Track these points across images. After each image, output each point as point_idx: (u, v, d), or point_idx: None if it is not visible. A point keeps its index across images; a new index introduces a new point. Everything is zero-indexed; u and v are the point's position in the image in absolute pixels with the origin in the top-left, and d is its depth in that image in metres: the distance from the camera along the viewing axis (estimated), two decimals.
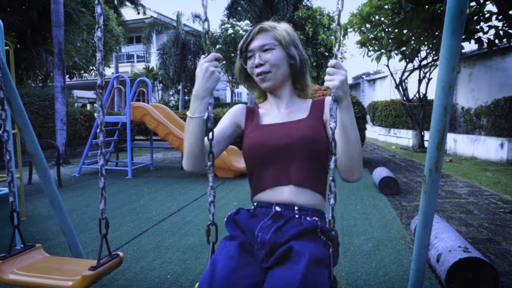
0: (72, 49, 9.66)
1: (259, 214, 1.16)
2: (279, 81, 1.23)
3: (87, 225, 3.31)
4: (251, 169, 1.21)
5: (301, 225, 1.08)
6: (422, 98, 9.53)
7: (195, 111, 1.07)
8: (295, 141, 1.13)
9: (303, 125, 1.17)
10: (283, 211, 1.13)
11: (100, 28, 1.21)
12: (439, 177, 1.19)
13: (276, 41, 1.21)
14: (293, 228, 1.08)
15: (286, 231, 1.08)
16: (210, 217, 1.10)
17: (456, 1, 0.99)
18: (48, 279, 1.35)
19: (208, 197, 1.09)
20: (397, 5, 5.42)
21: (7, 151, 1.48)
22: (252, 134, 1.21)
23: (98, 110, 1.27)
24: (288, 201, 1.13)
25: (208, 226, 1.12)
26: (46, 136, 8.40)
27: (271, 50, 1.20)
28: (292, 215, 1.11)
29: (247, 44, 1.23)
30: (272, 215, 1.13)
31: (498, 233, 2.95)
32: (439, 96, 1.10)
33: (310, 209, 1.13)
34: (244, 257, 1.04)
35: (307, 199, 1.13)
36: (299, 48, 1.25)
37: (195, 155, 1.12)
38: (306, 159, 1.13)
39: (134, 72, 20.18)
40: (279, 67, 1.20)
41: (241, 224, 1.15)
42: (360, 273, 2.26)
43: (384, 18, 7.41)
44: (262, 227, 1.11)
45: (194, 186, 5.10)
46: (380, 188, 4.50)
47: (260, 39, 1.21)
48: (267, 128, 1.21)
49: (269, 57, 1.19)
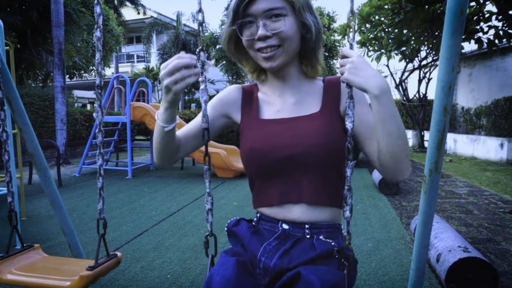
0: (72, 49, 9.66)
1: (263, 230, 0.97)
2: (289, 59, 0.94)
3: (87, 225, 3.30)
4: (251, 177, 1.00)
5: (313, 249, 0.89)
6: (422, 98, 9.53)
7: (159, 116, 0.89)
8: (307, 150, 0.89)
9: (316, 126, 0.92)
10: (291, 230, 0.93)
11: (99, 28, 1.21)
12: (439, 177, 1.19)
13: (287, 3, 0.89)
14: (304, 254, 0.89)
15: (294, 257, 0.89)
16: (208, 227, 0.96)
17: (456, 1, 0.99)
18: (46, 279, 1.34)
19: (205, 204, 0.93)
20: (397, 5, 5.41)
21: (6, 151, 1.48)
22: (251, 135, 0.96)
23: (97, 110, 1.27)
24: (298, 221, 0.92)
25: (206, 238, 0.95)
26: (46, 136, 8.40)
27: (281, 17, 0.88)
28: (302, 235, 0.92)
29: (245, 4, 0.88)
30: (278, 234, 0.93)
31: (498, 233, 2.95)
32: (439, 96, 1.10)
33: (324, 225, 0.93)
34: (243, 279, 0.85)
35: (320, 216, 0.93)
36: (314, 14, 0.93)
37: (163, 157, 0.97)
38: (320, 171, 0.91)
39: (134, 72, 20.17)
40: (291, 42, 0.90)
41: (242, 239, 0.98)
42: (360, 273, 2.26)
43: (384, 18, 7.41)
44: (266, 250, 0.92)
45: (194, 186, 5.10)
46: (380, 188, 4.49)
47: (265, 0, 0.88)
48: (269, 128, 0.95)
49: (280, 26, 0.88)
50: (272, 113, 0.99)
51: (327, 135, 0.90)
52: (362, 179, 5.50)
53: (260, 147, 0.93)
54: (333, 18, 19.08)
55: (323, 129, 0.91)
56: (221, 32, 0.98)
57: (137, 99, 10.15)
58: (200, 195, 4.48)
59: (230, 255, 0.97)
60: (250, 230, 0.98)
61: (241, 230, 0.99)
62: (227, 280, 0.82)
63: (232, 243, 1.02)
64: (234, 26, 0.92)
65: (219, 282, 0.82)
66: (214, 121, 1.02)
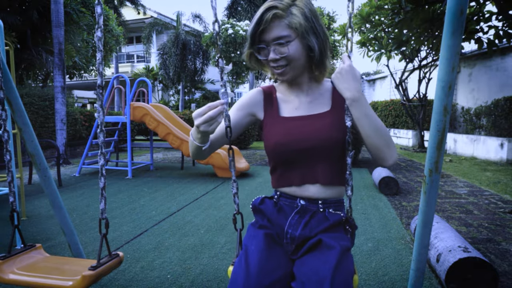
0: (72, 49, 9.66)
1: (284, 206, 1.18)
2: (298, 72, 1.15)
3: (87, 225, 3.31)
4: (274, 165, 1.21)
5: (327, 220, 1.13)
6: (422, 98, 9.53)
7: (196, 139, 1.10)
8: (321, 144, 1.11)
9: (328, 123, 1.13)
10: (307, 205, 1.16)
11: (100, 28, 1.21)
12: (439, 177, 1.19)
13: (292, 30, 1.07)
14: (320, 224, 1.13)
15: (314, 227, 1.13)
16: (235, 207, 1.21)
17: (456, 1, 0.99)
18: (48, 279, 1.35)
19: (232, 189, 1.18)
20: (397, 5, 5.42)
21: (7, 151, 1.48)
22: (274, 130, 1.16)
23: (98, 110, 1.27)
24: (314, 197, 1.15)
25: (234, 216, 1.23)
26: (46, 136, 8.40)
27: (287, 44, 1.07)
28: (316, 209, 1.15)
29: (259, 33, 1.10)
30: (298, 210, 1.16)
31: (498, 233, 2.95)
32: (439, 96, 1.10)
33: (333, 201, 1.17)
34: (273, 248, 1.10)
35: (330, 194, 1.16)
36: (318, 34, 1.10)
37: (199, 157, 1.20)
38: (333, 159, 1.13)
39: (134, 72, 20.18)
40: (297, 61, 1.10)
41: (268, 215, 1.19)
42: (360, 273, 2.26)
43: (384, 18, 7.41)
44: (291, 224, 1.15)
45: (194, 186, 5.10)
46: (380, 188, 4.50)
47: (273, 30, 1.07)
48: (289, 124, 1.16)
49: (285, 51, 1.08)
50: (291, 110, 1.19)
51: (338, 130, 1.12)
52: (362, 179, 5.50)
53: (284, 141, 1.13)
54: (333, 18, 19.09)
55: (335, 125, 1.12)
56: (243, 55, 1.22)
57: (137, 99, 10.15)
58: (200, 195, 4.49)
59: (257, 227, 1.18)
60: (275, 208, 1.20)
61: (266, 208, 1.20)
62: (261, 249, 1.07)
63: (259, 218, 1.22)
64: (251, 50, 1.14)
65: (254, 251, 1.06)
66: (241, 120, 1.21)
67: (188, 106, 18.52)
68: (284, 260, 1.10)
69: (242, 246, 1.12)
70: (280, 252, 1.11)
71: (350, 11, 0.98)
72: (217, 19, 1.06)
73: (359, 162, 7.20)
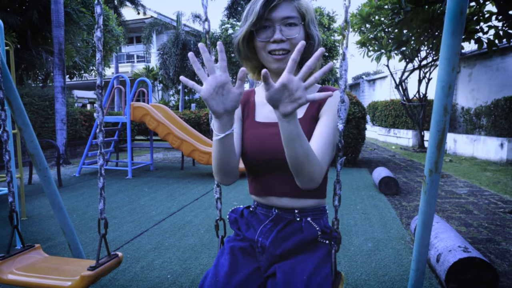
0: (72, 49, 9.66)
1: (260, 214, 1.13)
2: None
3: (87, 225, 3.31)
4: (248, 170, 1.15)
5: (301, 232, 1.05)
6: (422, 98, 9.53)
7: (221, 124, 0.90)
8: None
9: None
10: (283, 214, 1.09)
11: (100, 28, 1.21)
12: (439, 177, 1.19)
13: (299, 15, 1.01)
14: (294, 235, 1.05)
15: (288, 235, 1.05)
16: (217, 213, 1.19)
17: (456, 1, 0.99)
18: (47, 279, 1.34)
19: (214, 194, 1.16)
20: (397, 5, 5.42)
21: (7, 151, 1.48)
22: (249, 135, 1.09)
23: (97, 110, 1.27)
24: (287, 207, 1.08)
25: (216, 222, 1.17)
26: (46, 136, 8.40)
27: (296, 26, 1.00)
28: (292, 217, 1.08)
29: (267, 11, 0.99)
30: (272, 218, 1.10)
31: (498, 233, 2.95)
32: (439, 96, 1.10)
33: (311, 209, 1.09)
34: (246, 260, 1.06)
35: (307, 203, 1.09)
36: (317, 28, 1.06)
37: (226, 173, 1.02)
38: None
39: (134, 72, 20.18)
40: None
41: (241, 224, 1.15)
42: (360, 273, 2.26)
43: (384, 18, 7.42)
44: (262, 232, 1.08)
45: (194, 186, 5.10)
46: (380, 188, 4.49)
47: (283, 9, 0.99)
48: (261, 130, 1.08)
49: (294, 34, 0.99)
50: (267, 114, 1.11)
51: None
52: (362, 179, 5.50)
53: (252, 149, 1.07)
54: (333, 18, 19.09)
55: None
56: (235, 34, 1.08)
57: (137, 99, 10.15)
58: (200, 195, 4.48)
59: (233, 239, 1.14)
60: (249, 214, 1.15)
61: (242, 218, 1.16)
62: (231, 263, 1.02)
63: (234, 228, 1.17)
64: (253, 28, 1.01)
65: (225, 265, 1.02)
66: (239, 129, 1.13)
67: (188, 106, 18.51)
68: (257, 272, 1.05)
69: (215, 259, 1.07)
70: (252, 263, 1.06)
71: (347, 4, 0.93)
72: (207, 18, 1.00)
73: (359, 162, 7.20)
